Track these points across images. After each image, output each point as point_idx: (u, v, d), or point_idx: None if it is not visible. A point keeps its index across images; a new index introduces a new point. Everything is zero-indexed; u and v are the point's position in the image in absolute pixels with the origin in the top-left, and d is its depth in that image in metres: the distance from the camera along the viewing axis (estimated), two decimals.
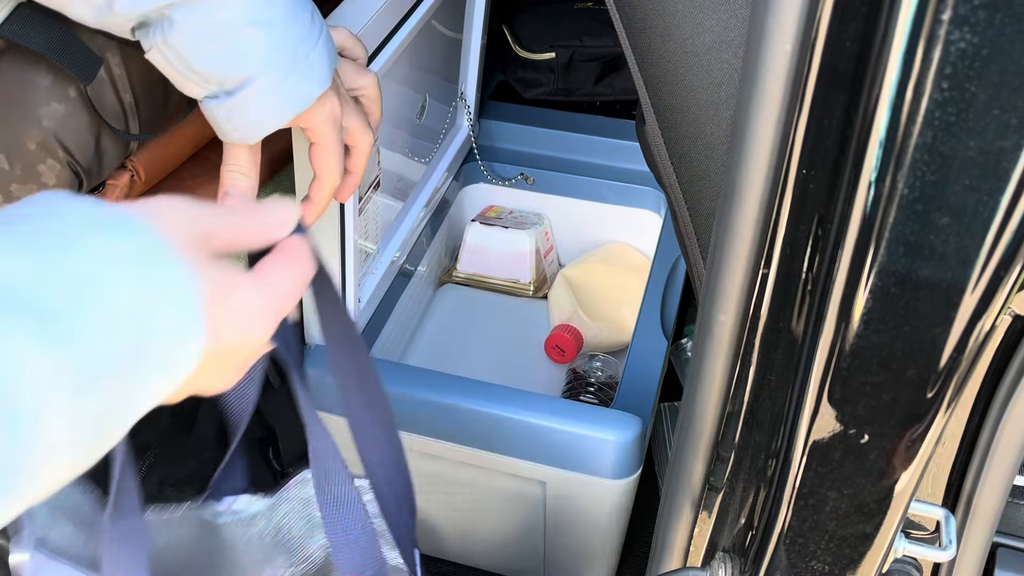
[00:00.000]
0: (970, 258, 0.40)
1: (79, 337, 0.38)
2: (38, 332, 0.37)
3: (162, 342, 0.41)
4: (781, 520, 0.54)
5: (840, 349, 0.45)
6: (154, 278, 0.40)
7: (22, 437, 0.36)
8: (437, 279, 1.34)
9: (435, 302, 1.32)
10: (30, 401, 0.36)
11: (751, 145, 0.47)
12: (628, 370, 1.04)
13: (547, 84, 1.43)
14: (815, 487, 0.51)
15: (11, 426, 0.36)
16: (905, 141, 0.38)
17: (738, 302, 0.52)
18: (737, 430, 0.60)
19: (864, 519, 0.51)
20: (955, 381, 0.44)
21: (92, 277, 0.39)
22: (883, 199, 0.40)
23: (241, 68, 0.60)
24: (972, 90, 0.36)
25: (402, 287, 1.19)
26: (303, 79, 0.62)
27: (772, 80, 0.44)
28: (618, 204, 1.33)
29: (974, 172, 0.38)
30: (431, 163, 1.25)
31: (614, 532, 1.02)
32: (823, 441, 0.49)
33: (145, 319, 0.40)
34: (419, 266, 1.25)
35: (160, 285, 0.41)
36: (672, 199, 0.66)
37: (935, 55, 0.36)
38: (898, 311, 0.42)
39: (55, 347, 0.37)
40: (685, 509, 0.68)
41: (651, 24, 0.58)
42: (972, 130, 0.37)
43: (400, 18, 0.96)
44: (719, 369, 0.57)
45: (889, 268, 0.41)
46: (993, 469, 0.58)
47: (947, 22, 0.35)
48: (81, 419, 0.39)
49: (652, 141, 0.64)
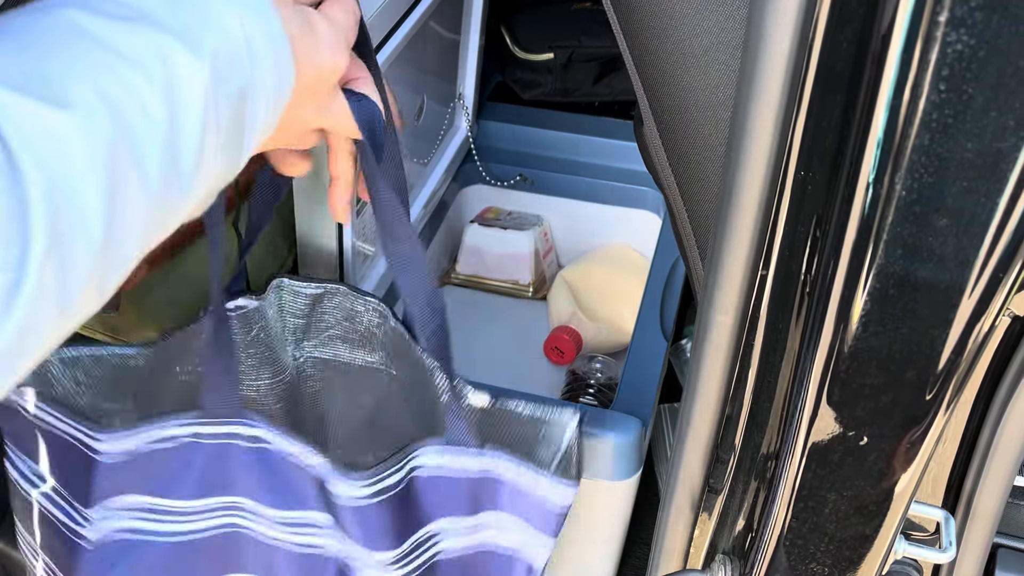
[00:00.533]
0: (968, 259, 0.40)
1: (213, 52, 0.44)
2: (185, 48, 0.43)
3: (265, 70, 0.48)
4: (780, 522, 0.54)
5: (839, 351, 0.45)
6: (257, 16, 0.48)
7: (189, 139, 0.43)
8: (436, 281, 1.34)
9: None
10: (193, 106, 0.43)
11: (749, 146, 0.46)
12: (627, 371, 1.04)
13: (545, 85, 1.43)
14: (814, 489, 0.51)
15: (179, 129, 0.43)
16: (903, 142, 0.38)
17: (737, 304, 0.52)
18: (737, 432, 0.60)
19: (864, 521, 0.51)
20: (954, 383, 0.44)
21: (209, 4, 0.46)
22: (881, 200, 0.40)
23: None
24: (969, 92, 0.36)
25: None
26: None
27: (770, 81, 0.44)
28: (617, 205, 1.33)
29: (972, 174, 0.38)
30: (429, 164, 1.25)
31: (614, 534, 1.02)
32: (822, 443, 0.48)
33: (252, 46, 0.47)
34: None
35: (261, 22, 0.48)
36: (671, 201, 0.66)
37: (932, 57, 0.36)
38: (896, 313, 0.42)
39: (200, 60, 0.44)
40: (685, 511, 0.68)
41: (648, 26, 0.58)
42: (970, 132, 0.37)
43: (397, 19, 0.96)
44: (718, 371, 0.57)
45: (887, 270, 0.41)
46: (993, 470, 0.58)
47: (944, 23, 0.35)
48: (222, 128, 0.46)
49: (650, 143, 0.64)
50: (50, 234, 0.36)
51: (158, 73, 0.42)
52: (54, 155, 0.37)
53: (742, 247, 0.50)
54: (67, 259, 0.38)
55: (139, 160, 0.41)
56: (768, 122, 0.45)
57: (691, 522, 0.68)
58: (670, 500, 0.68)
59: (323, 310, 0.78)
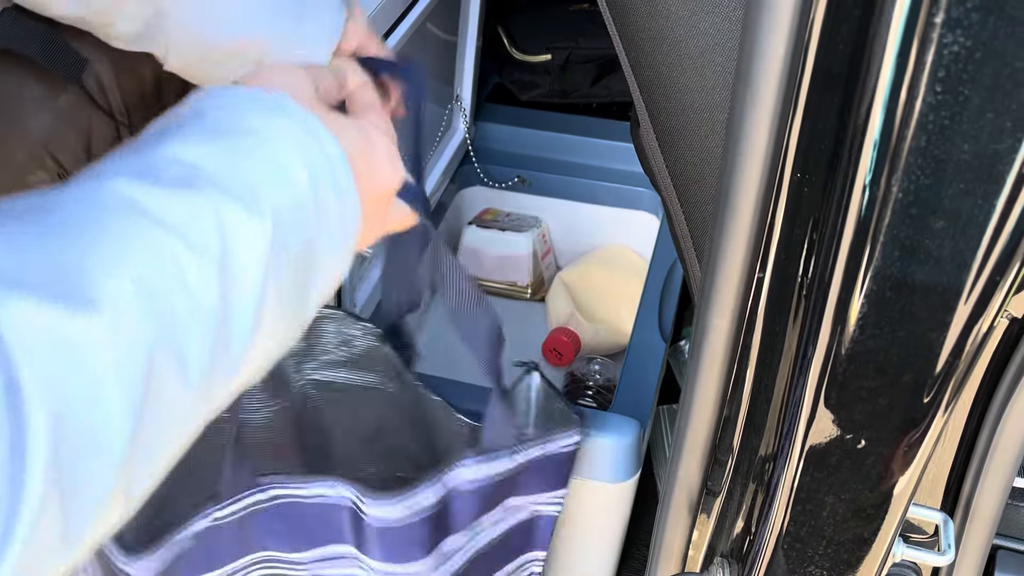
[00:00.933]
0: (966, 261, 0.40)
1: (275, 208, 0.40)
2: (245, 208, 0.39)
3: (331, 206, 0.44)
4: (778, 525, 0.54)
5: (836, 354, 0.45)
6: (319, 150, 0.44)
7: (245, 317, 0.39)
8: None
9: (432, 305, 1.32)
10: (252, 277, 0.39)
11: (745, 149, 0.46)
12: (626, 373, 1.03)
13: (543, 86, 1.42)
14: (812, 492, 0.51)
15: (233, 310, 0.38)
16: (899, 144, 0.38)
17: (734, 306, 0.52)
18: (735, 434, 0.60)
19: (862, 524, 0.51)
20: (952, 385, 0.44)
21: (276, 155, 0.42)
22: (877, 203, 0.40)
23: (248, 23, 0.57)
24: (966, 93, 0.36)
25: None
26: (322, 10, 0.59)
27: (766, 83, 0.44)
28: (615, 206, 1.33)
29: (969, 175, 0.37)
30: (427, 166, 1.25)
31: (612, 536, 1.02)
32: (820, 446, 0.48)
33: (317, 191, 0.43)
34: None
35: (324, 155, 0.44)
36: (668, 203, 0.66)
37: (928, 58, 0.35)
38: (894, 315, 0.42)
39: (262, 220, 0.40)
40: (683, 513, 0.67)
41: (644, 27, 0.57)
42: (966, 133, 0.37)
43: (394, 20, 0.95)
44: (716, 373, 0.56)
45: (884, 272, 0.41)
46: (992, 471, 0.58)
47: (940, 25, 0.35)
48: (283, 294, 0.41)
49: (647, 144, 0.64)
50: (52, 467, 0.31)
51: (213, 244, 0.38)
52: (69, 368, 0.32)
53: (739, 250, 0.50)
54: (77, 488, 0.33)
55: (181, 356, 0.36)
56: (764, 124, 0.45)
57: (689, 524, 0.68)
58: (668, 502, 0.68)
59: (320, 335, 0.79)
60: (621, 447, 0.93)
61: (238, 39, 0.58)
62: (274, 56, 0.59)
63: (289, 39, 0.59)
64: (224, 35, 0.58)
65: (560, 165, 1.36)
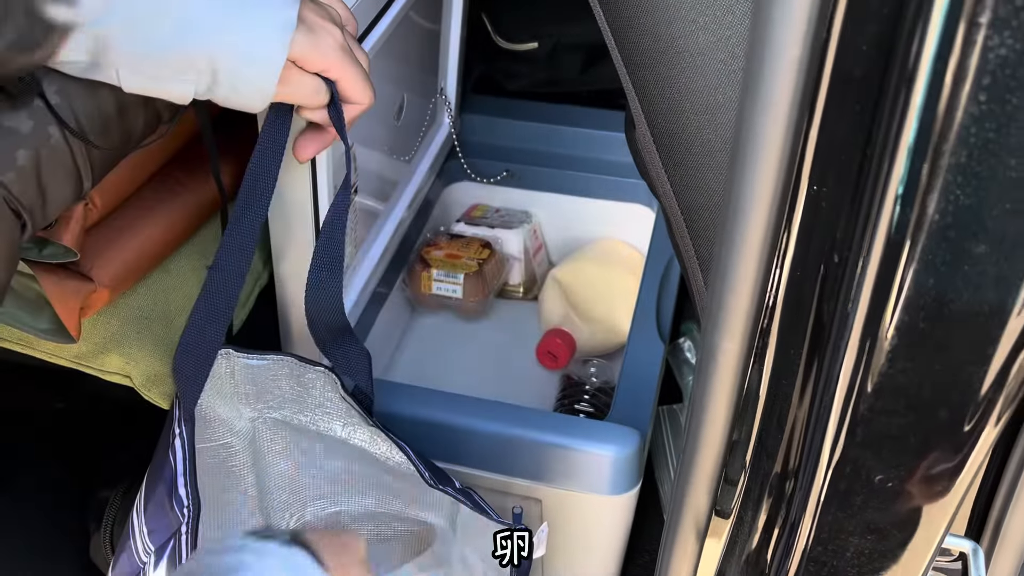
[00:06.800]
0: (1010, 289, 0.35)
1: None
2: None
3: None
4: (797, 564, 0.49)
5: (861, 388, 0.40)
6: None
7: None
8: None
9: (420, 307, 1.27)
10: None
11: (755, 157, 0.41)
12: (624, 378, 0.99)
13: (530, 75, 1.37)
14: (835, 532, 0.46)
15: None
16: (936, 160, 0.33)
17: (743, 330, 0.47)
18: (746, 455, 0.55)
19: (888, 565, 0.47)
20: (992, 420, 0.40)
21: None
22: (911, 224, 0.35)
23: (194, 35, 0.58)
24: (1014, 102, 0.31)
25: (385, 295, 1.14)
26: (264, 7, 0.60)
27: (779, 88, 0.39)
28: (608, 199, 1.28)
29: (1016, 194, 0.33)
30: (412, 162, 1.20)
31: (612, 548, 0.98)
32: (843, 485, 0.44)
33: None
34: (402, 271, 1.20)
35: None
36: (667, 209, 0.61)
37: (971, 63, 0.31)
38: (928, 348, 0.38)
39: None
40: (690, 539, 0.63)
41: (638, 22, 0.53)
42: (1014, 148, 0.32)
43: (377, 12, 0.90)
44: (724, 398, 0.52)
45: (918, 301, 0.36)
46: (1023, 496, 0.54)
47: (985, 25, 0.30)
48: None
49: (643, 148, 0.59)
50: None
51: None
52: None
53: (748, 268, 0.45)
54: None
55: None
56: (777, 132, 0.40)
57: (697, 551, 0.64)
58: (675, 528, 0.64)
59: (272, 379, 0.79)
60: (621, 459, 0.89)
61: (187, 54, 0.58)
62: (227, 63, 0.59)
63: (239, 44, 0.59)
64: (172, 52, 0.58)
65: (550, 157, 1.31)
